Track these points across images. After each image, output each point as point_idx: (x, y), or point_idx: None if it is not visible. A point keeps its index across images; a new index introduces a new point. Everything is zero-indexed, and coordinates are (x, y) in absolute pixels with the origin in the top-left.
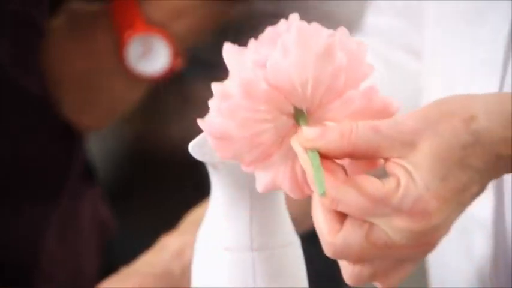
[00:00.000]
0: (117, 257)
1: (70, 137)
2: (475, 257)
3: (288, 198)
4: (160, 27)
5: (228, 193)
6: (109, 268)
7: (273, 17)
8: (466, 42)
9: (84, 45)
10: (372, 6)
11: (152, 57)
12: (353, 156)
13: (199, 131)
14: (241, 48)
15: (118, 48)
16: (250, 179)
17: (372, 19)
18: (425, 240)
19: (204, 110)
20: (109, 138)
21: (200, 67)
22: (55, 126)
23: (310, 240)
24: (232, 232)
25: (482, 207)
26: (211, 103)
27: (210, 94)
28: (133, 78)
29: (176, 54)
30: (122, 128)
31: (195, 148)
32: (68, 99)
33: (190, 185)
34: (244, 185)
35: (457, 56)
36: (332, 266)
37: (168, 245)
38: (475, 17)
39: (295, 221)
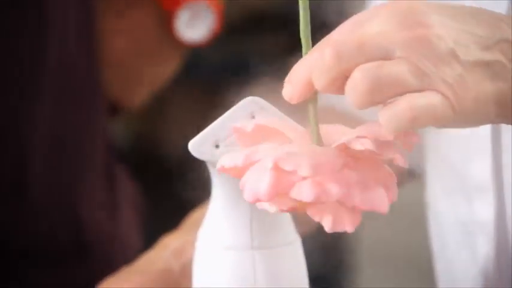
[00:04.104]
0: None
1: (108, 113)
2: (478, 258)
3: None
4: None
5: (228, 191)
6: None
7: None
8: None
9: (127, 22)
10: (371, 6)
11: (197, 23)
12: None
13: (199, 130)
14: None
15: (166, 19)
16: None
17: None
18: (412, 20)
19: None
20: None
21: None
22: (99, 102)
23: (310, 240)
24: (232, 231)
25: (483, 208)
26: None
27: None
28: (179, 47)
29: (220, 18)
30: (122, 128)
31: (195, 147)
32: (112, 79)
33: (191, 185)
34: None
35: None
36: (332, 266)
37: (168, 244)
38: None
39: (296, 220)
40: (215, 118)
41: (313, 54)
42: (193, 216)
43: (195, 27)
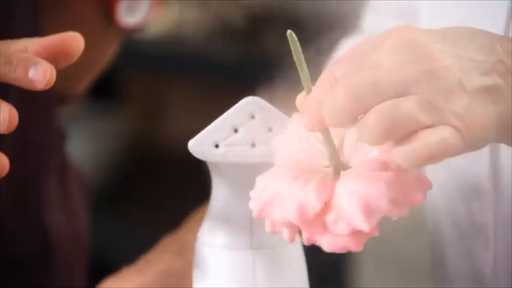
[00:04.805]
0: (116, 257)
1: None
2: (475, 261)
3: None
4: None
5: (228, 192)
6: (109, 268)
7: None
8: None
9: (69, 13)
10: (369, 7)
11: (135, 10)
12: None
13: (199, 129)
14: None
15: (107, 7)
16: (251, 178)
17: (371, 19)
18: (418, 53)
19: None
20: (109, 138)
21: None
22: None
23: None
24: (232, 231)
25: (481, 211)
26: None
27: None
28: (119, 34)
29: (156, 5)
30: (122, 128)
31: (195, 147)
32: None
33: (191, 184)
34: (245, 183)
35: None
36: (332, 266)
37: (169, 244)
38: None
39: None
40: (215, 118)
41: (322, 90)
42: (193, 216)
43: (133, 14)
